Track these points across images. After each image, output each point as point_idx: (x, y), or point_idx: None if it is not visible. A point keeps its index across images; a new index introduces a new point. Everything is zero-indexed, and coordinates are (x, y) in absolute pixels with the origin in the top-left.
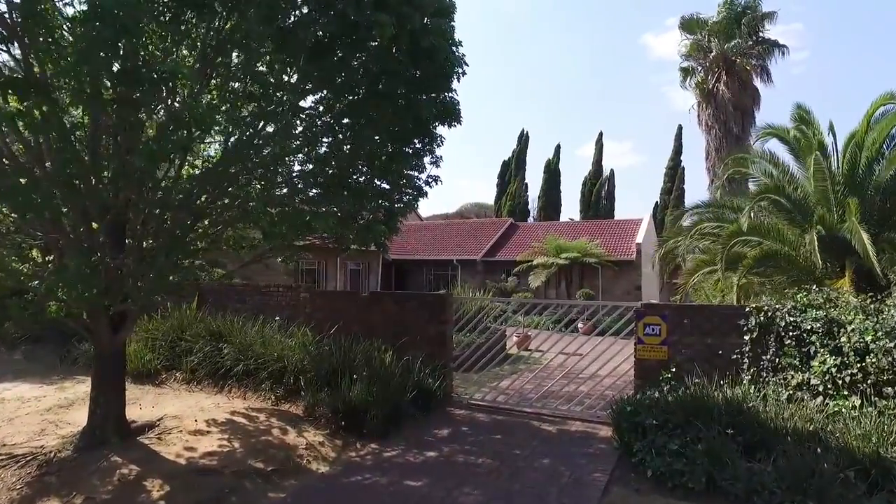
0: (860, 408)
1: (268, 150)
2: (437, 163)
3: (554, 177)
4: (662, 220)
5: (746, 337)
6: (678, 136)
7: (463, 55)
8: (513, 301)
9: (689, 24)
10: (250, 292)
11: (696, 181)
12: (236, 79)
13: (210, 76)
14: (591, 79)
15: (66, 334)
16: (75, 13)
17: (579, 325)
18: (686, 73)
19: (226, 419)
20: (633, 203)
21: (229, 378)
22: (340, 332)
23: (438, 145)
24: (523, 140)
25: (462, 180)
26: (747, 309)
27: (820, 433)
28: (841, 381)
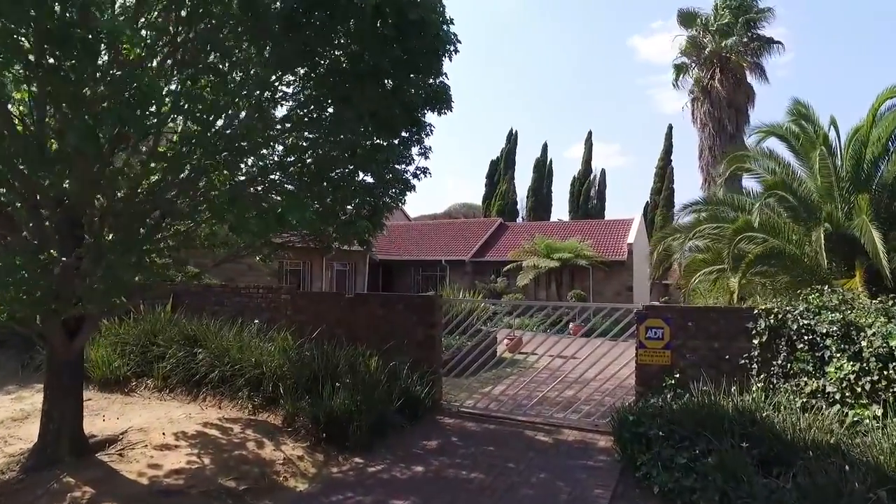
0: (883, 418)
1: (230, 130)
2: (425, 153)
3: (544, 175)
4: (653, 220)
5: (755, 340)
6: (668, 137)
7: (454, 34)
8: (504, 303)
9: (686, 18)
10: (229, 294)
11: (685, 182)
12: (197, 51)
13: (165, 47)
14: (578, 81)
15: (31, 339)
16: None
17: (570, 325)
18: (679, 70)
19: (197, 431)
20: (620, 205)
21: (204, 385)
22: (323, 335)
23: (428, 134)
24: (512, 139)
25: (449, 180)
26: (756, 311)
27: (842, 446)
28: (860, 389)
